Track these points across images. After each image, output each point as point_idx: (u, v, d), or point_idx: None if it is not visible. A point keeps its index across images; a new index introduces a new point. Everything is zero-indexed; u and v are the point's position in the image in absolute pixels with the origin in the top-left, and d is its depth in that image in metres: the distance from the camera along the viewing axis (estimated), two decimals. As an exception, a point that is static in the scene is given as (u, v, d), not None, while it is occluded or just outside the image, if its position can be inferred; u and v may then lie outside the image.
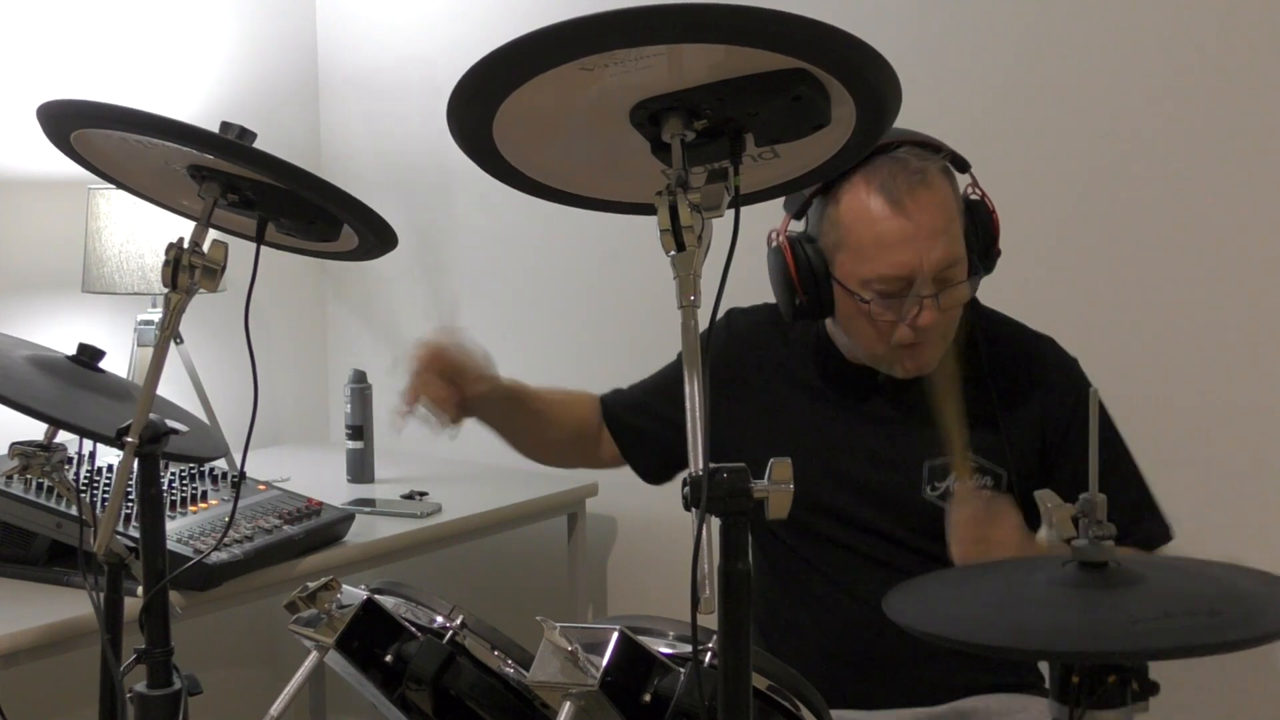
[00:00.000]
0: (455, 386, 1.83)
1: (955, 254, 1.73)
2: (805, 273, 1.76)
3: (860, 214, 1.72)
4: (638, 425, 2.04)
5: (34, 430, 1.55)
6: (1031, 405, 1.83)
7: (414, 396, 1.80)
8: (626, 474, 2.16)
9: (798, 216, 1.81)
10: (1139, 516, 1.83)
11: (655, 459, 2.02)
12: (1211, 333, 2.26)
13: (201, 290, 1.43)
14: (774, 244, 1.79)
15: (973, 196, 1.79)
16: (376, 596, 1.45)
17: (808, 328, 1.93)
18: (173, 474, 2.35)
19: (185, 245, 1.41)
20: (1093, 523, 1.11)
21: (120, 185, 1.61)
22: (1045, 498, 1.16)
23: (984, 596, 1.15)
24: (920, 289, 1.71)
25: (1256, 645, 0.97)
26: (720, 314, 1.10)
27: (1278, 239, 2.20)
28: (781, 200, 1.70)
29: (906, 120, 1.39)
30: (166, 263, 1.41)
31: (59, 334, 2.74)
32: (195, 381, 2.80)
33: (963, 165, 1.79)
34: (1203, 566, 1.21)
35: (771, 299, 1.85)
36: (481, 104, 1.11)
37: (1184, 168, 2.27)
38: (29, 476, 1.84)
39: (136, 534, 1.53)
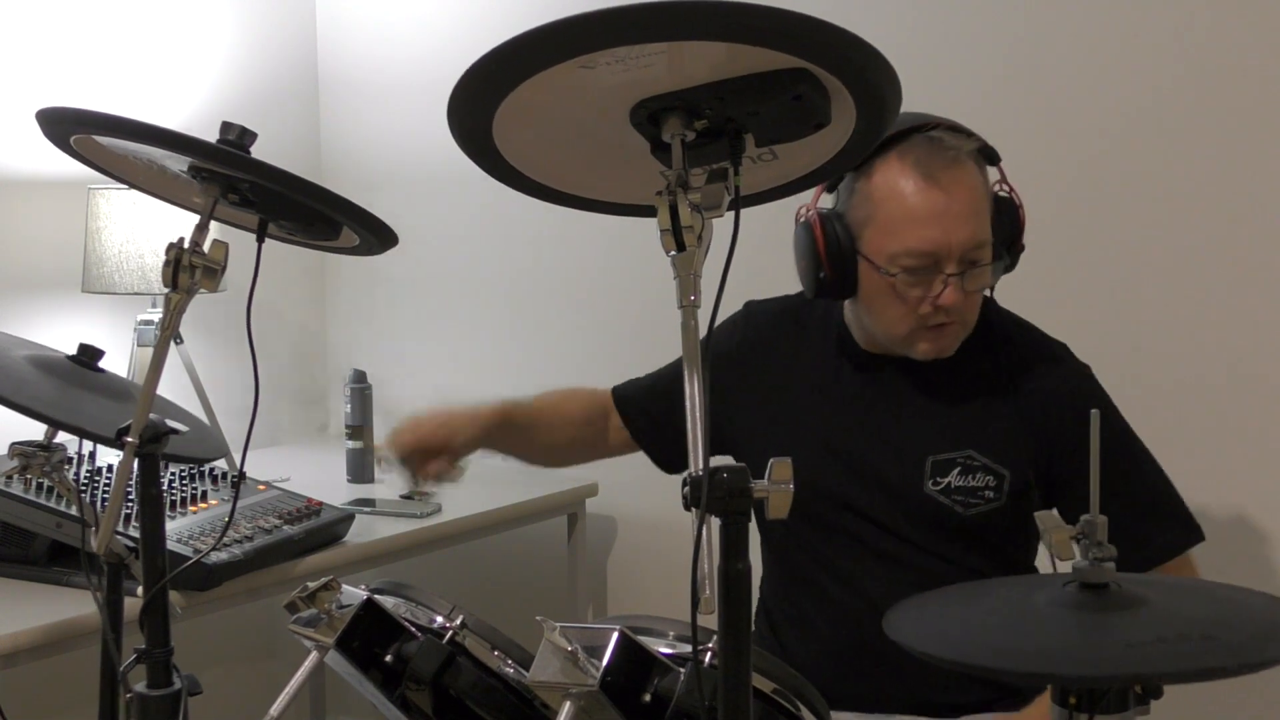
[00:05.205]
0: (443, 455, 1.93)
1: (982, 236, 1.74)
2: (833, 248, 1.77)
3: (892, 189, 1.73)
4: (652, 411, 2.06)
5: (34, 430, 1.55)
6: (1035, 411, 1.81)
7: (414, 480, 1.94)
8: (627, 474, 2.17)
9: (830, 189, 1.82)
10: (1161, 523, 1.81)
11: (670, 446, 2.03)
12: (1221, 327, 2.26)
13: (202, 290, 1.43)
14: (803, 219, 1.80)
15: (1001, 193, 1.80)
16: (376, 596, 1.44)
17: (826, 317, 1.93)
18: (172, 474, 2.35)
19: (186, 245, 1.41)
20: (1093, 544, 1.10)
21: (128, 183, 1.61)
22: (1044, 519, 1.16)
23: (984, 616, 1.14)
24: (946, 266, 1.73)
25: (1248, 672, 0.96)
26: (720, 312, 1.10)
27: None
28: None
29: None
30: (167, 263, 1.41)
31: (59, 334, 2.74)
32: (195, 381, 2.79)
33: (993, 157, 1.80)
34: (1210, 588, 1.20)
35: (783, 292, 1.85)
36: (482, 103, 1.11)
37: (1185, 166, 2.26)
38: (29, 476, 1.84)
39: (136, 534, 1.53)
